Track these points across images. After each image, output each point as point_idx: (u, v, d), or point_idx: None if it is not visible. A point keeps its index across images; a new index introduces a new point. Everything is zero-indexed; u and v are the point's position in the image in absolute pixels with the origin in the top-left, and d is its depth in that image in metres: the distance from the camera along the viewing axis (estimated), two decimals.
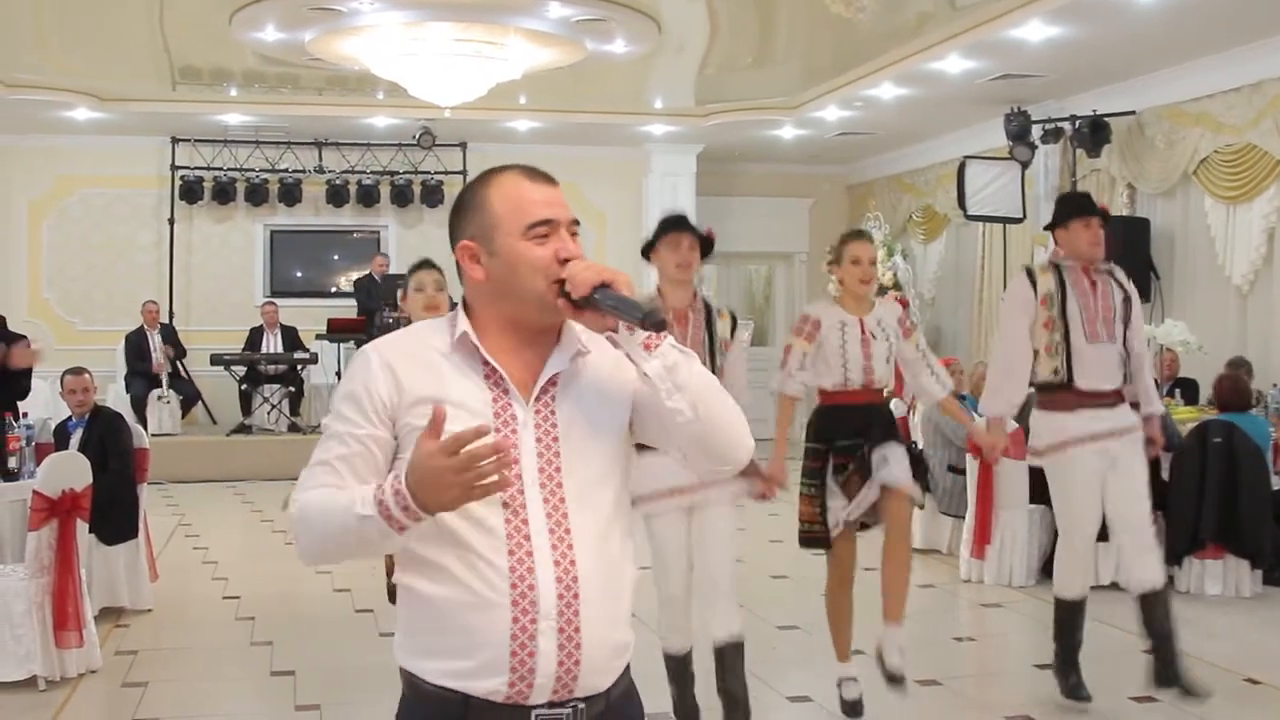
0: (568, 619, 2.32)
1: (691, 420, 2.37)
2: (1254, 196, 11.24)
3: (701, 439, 2.41)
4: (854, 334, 5.99)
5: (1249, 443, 8.70)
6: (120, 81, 14.25)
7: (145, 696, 6.59)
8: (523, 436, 2.39)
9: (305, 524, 2.39)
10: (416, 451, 2.22)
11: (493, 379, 2.42)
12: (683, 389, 2.37)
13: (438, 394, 2.37)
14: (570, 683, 2.35)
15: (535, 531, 2.34)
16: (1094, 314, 6.16)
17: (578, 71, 12.77)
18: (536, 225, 2.43)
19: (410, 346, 2.48)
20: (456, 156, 17.27)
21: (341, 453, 2.41)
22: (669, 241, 5.66)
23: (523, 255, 2.42)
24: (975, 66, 12.09)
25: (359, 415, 2.41)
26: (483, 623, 2.31)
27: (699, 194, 17.49)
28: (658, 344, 2.36)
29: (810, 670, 7.18)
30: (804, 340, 6.04)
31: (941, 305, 17.04)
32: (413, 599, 2.40)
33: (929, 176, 16.83)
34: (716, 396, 2.41)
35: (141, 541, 8.38)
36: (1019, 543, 9.14)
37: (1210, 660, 7.13)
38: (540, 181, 2.51)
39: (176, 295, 16.75)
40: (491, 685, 2.32)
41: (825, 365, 6.02)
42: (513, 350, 2.45)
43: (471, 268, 2.48)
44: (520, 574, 2.31)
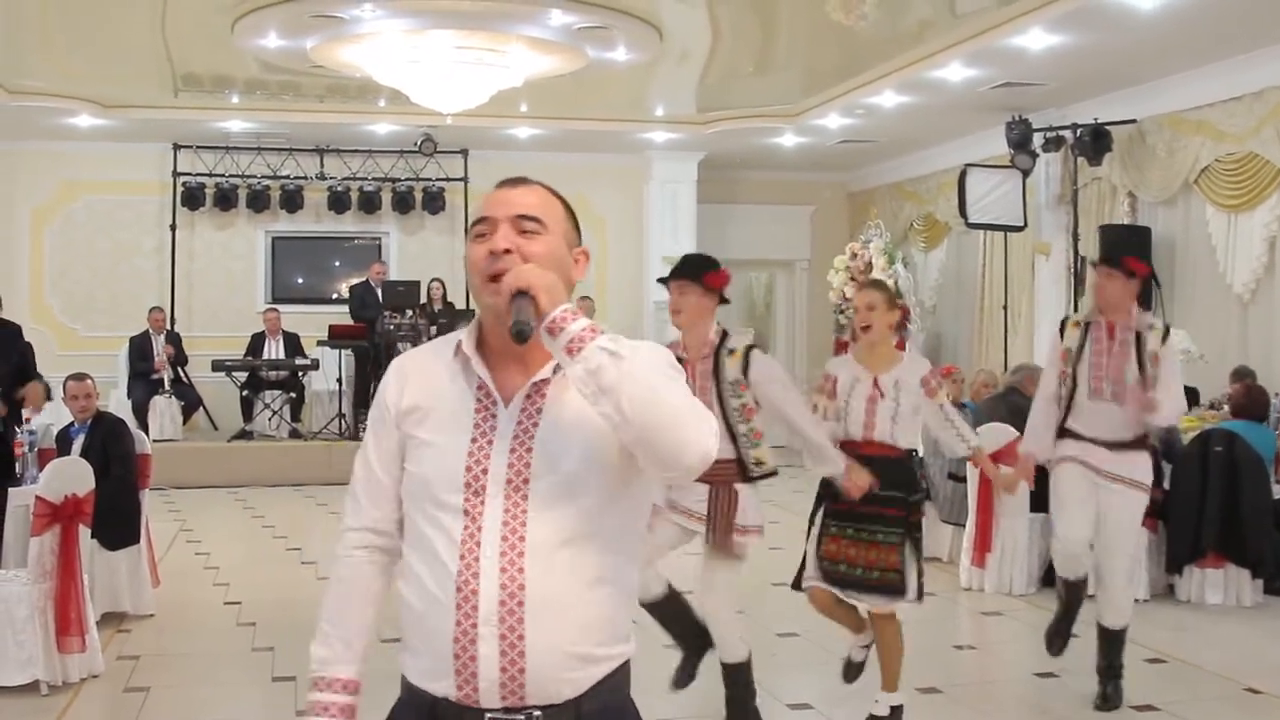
0: (510, 625, 2.32)
1: (620, 423, 2.28)
2: (1255, 205, 11.25)
3: (638, 443, 2.31)
4: (861, 390, 5.96)
5: (1250, 452, 8.70)
6: (123, 88, 14.27)
7: (147, 702, 6.60)
8: (496, 446, 2.40)
9: (329, 585, 2.62)
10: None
11: (483, 389, 2.46)
12: (607, 391, 2.26)
13: (430, 400, 2.49)
14: (518, 689, 2.34)
15: (486, 538, 2.36)
16: (1102, 372, 6.30)
17: (579, 79, 12.79)
18: (477, 223, 2.51)
19: (425, 355, 2.58)
20: (458, 163, 17.29)
21: (362, 479, 2.59)
22: (670, 287, 5.65)
23: (469, 256, 2.50)
24: (976, 74, 12.11)
25: (379, 427, 2.56)
26: (433, 623, 2.37)
27: (700, 201, 17.51)
28: (580, 348, 2.28)
29: (810, 677, 7.19)
30: (824, 397, 6.10)
31: (942, 313, 17.05)
32: (400, 600, 2.48)
33: (930, 184, 16.85)
34: (653, 399, 2.27)
35: (143, 547, 8.38)
36: (1019, 551, 9.14)
37: (1211, 669, 7.14)
38: (504, 185, 2.56)
39: (178, 301, 16.76)
40: (443, 686, 2.38)
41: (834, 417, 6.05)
42: (511, 362, 2.47)
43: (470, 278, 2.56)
44: (465, 578, 2.35)
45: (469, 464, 2.40)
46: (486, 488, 2.38)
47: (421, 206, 17.33)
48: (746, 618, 8.28)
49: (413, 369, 2.55)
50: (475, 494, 2.39)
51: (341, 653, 2.54)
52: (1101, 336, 6.33)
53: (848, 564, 5.90)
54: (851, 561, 5.89)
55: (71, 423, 8.38)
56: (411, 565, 2.44)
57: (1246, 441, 8.74)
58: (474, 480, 2.39)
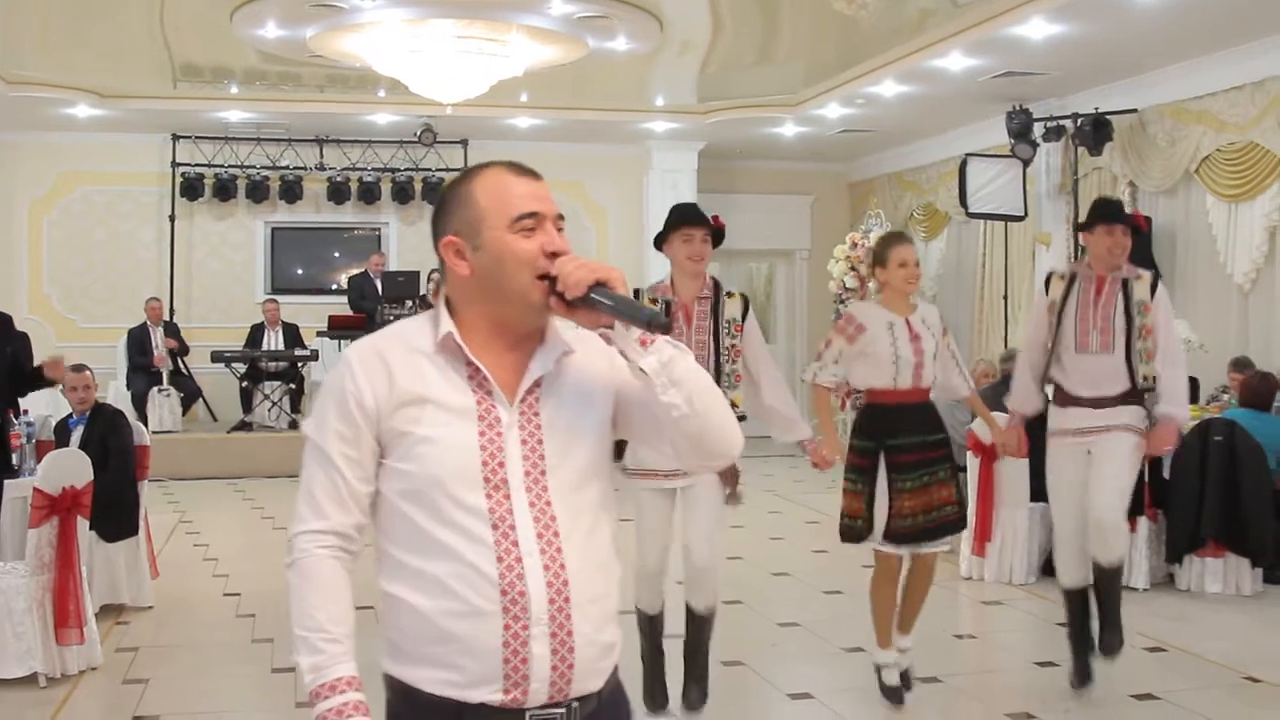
0: (559, 623, 2.32)
1: (688, 415, 2.36)
2: (1256, 195, 11.23)
3: (697, 434, 2.40)
4: (903, 334, 6.11)
5: (1250, 440, 8.69)
6: (121, 78, 14.24)
7: (146, 693, 6.59)
8: (507, 439, 2.38)
9: (292, 596, 2.43)
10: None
11: (476, 380, 2.40)
12: (678, 384, 2.35)
13: (422, 396, 2.38)
14: (564, 686, 2.34)
15: (523, 538, 2.33)
16: (1088, 324, 6.28)
17: (579, 69, 12.77)
18: (523, 218, 2.40)
19: (394, 346, 2.45)
20: (458, 154, 17.27)
21: (324, 483, 2.41)
22: (682, 234, 5.81)
23: (509, 248, 2.39)
24: (977, 64, 12.09)
25: (346, 425, 2.40)
26: (475, 633, 2.31)
27: (700, 191, 17.47)
28: (653, 339, 2.35)
29: (811, 667, 7.18)
30: (844, 339, 6.17)
31: (943, 302, 16.99)
32: (403, 609, 2.38)
33: (930, 174, 16.83)
34: (710, 392, 2.41)
35: (142, 539, 8.37)
36: (1020, 540, 9.14)
37: (1211, 658, 7.14)
38: (525, 175, 2.48)
39: (177, 292, 16.74)
40: (486, 694, 2.32)
41: (875, 366, 6.11)
42: (498, 351, 2.44)
43: (456, 263, 2.45)
44: (510, 580, 2.30)
45: (484, 459, 2.36)
46: (508, 482, 2.36)
47: (421, 197, 17.30)
48: (747, 607, 8.31)
49: (394, 360, 2.42)
50: (496, 489, 2.35)
51: (334, 652, 2.36)
52: (1089, 289, 6.30)
53: (913, 516, 6.04)
54: (915, 512, 6.04)
55: (70, 414, 8.38)
56: (429, 573, 2.34)
57: (1246, 430, 8.74)
58: (492, 475, 2.35)
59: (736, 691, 6.57)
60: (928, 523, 6.06)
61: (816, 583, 9.17)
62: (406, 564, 2.37)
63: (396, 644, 2.40)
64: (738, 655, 7.24)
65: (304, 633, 2.37)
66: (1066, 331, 6.31)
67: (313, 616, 2.38)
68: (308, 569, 2.41)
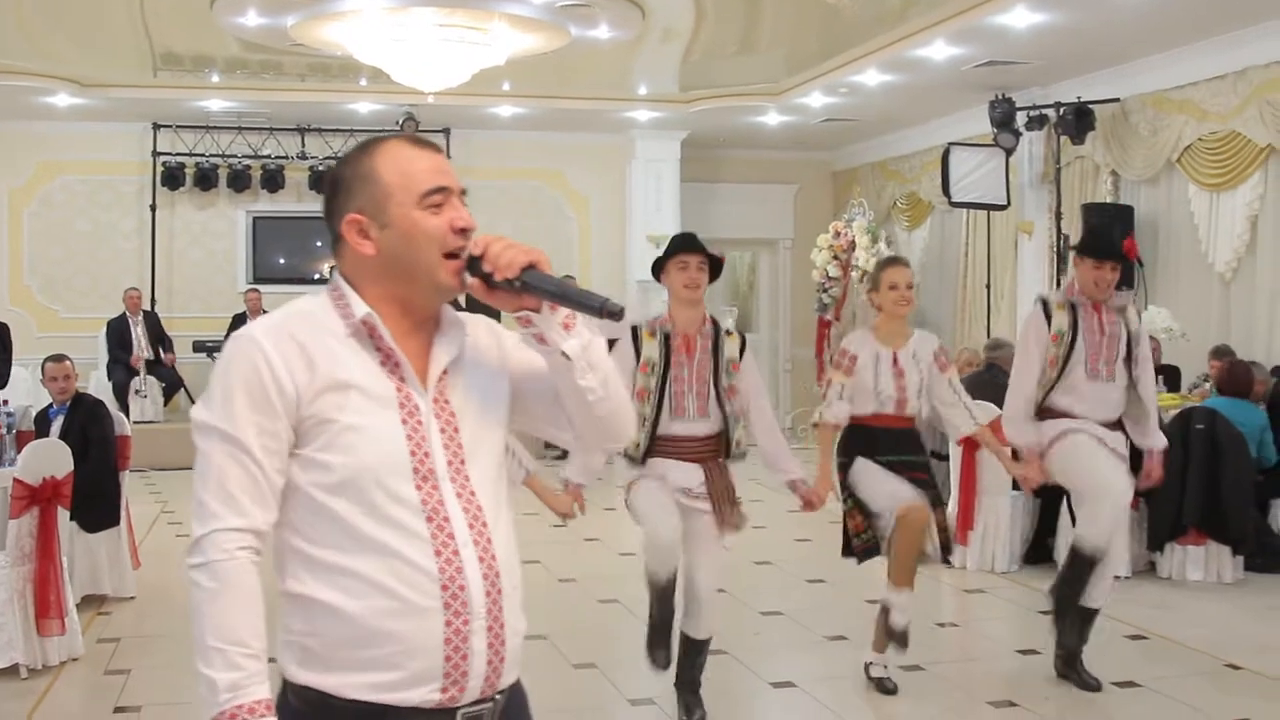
0: (494, 615, 2.28)
1: (603, 398, 2.38)
2: (1237, 184, 11.25)
3: (607, 415, 2.42)
4: (886, 368, 6.21)
5: (1231, 429, 8.72)
6: (101, 67, 14.17)
7: (128, 684, 6.57)
8: (429, 428, 2.31)
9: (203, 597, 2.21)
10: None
11: (389, 365, 2.31)
12: (595, 367, 2.36)
13: (345, 381, 2.27)
14: (495, 679, 2.31)
15: (458, 529, 2.27)
16: (1098, 353, 6.34)
17: (562, 57, 12.74)
18: (431, 193, 2.32)
19: (304, 327, 2.32)
20: (440, 143, 17.03)
21: (238, 476, 2.23)
22: (678, 262, 5.72)
23: (418, 225, 2.31)
24: (960, 53, 12.08)
25: (263, 414, 2.23)
26: (415, 631, 2.22)
27: (683, 180, 17.47)
28: (573, 323, 2.33)
29: (794, 656, 7.19)
30: (842, 374, 6.26)
31: (926, 292, 17.00)
32: (319, 612, 2.25)
33: (913, 163, 16.83)
34: (617, 377, 2.44)
35: (123, 529, 8.35)
36: (1002, 529, 9.16)
37: (1192, 645, 7.16)
38: (426, 149, 2.39)
39: (159, 282, 16.67)
40: (423, 693, 2.23)
41: (859, 395, 6.23)
42: (403, 335, 2.34)
43: (360, 243, 2.34)
44: (450, 575, 2.24)
45: (411, 449, 2.27)
46: (435, 472, 2.28)
47: None
48: (730, 596, 8.31)
49: (309, 342, 2.28)
50: (425, 479, 2.27)
51: (254, 670, 2.18)
52: (1090, 317, 6.36)
53: None
54: None
55: (50, 404, 8.35)
56: (358, 571, 2.22)
57: (1228, 419, 8.76)
58: (420, 465, 2.27)
59: (719, 680, 6.57)
60: None
61: (799, 572, 9.19)
62: (325, 562, 2.25)
63: (311, 650, 2.26)
64: (721, 644, 7.22)
65: (221, 645, 2.17)
66: (1078, 360, 6.33)
67: (233, 629, 2.18)
68: (228, 574, 2.20)
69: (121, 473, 8.38)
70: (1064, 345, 6.35)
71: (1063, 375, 6.36)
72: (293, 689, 2.28)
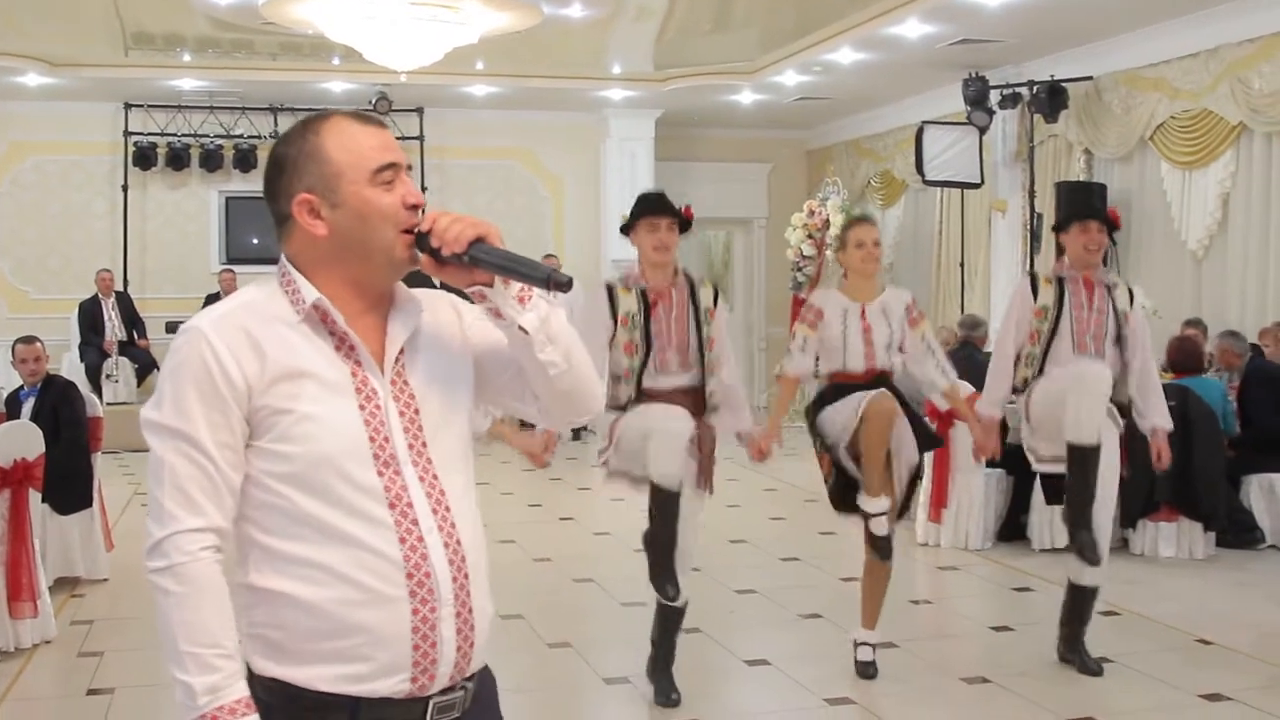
0: (462, 600, 2.24)
1: (564, 371, 2.33)
2: (1209, 162, 11.30)
3: (569, 390, 2.37)
4: (854, 322, 6.13)
5: (1202, 406, 8.76)
6: (72, 46, 14.09)
7: (101, 666, 6.56)
8: (388, 412, 2.25)
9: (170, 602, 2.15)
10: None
11: (344, 350, 2.26)
12: (554, 340, 2.31)
13: (298, 369, 2.22)
14: (465, 666, 2.28)
15: (421, 515, 2.23)
16: (1084, 328, 6.32)
17: (535, 36, 12.70)
18: (382, 170, 2.27)
19: (252, 317, 2.25)
20: (413, 122, 17.15)
21: (193, 476, 2.17)
22: (647, 223, 5.74)
23: (371, 203, 2.25)
24: (934, 31, 12.09)
25: (214, 408, 2.18)
26: (382, 620, 2.18)
27: (658, 159, 17.45)
28: (529, 296, 2.28)
29: (768, 633, 7.20)
30: (807, 326, 6.21)
31: (900, 270, 17.06)
32: (283, 604, 2.20)
33: (887, 142, 16.85)
34: (579, 345, 2.38)
35: (96, 511, 8.32)
36: (975, 507, 9.19)
37: (1163, 621, 7.21)
38: (372, 125, 2.33)
39: (131, 263, 16.60)
40: (392, 684, 2.20)
41: (827, 350, 6.16)
42: (356, 316, 2.29)
43: (311, 223, 2.26)
44: (415, 562, 2.20)
45: (370, 434, 2.23)
46: (396, 457, 2.24)
47: None
48: (704, 575, 8.32)
49: (257, 331, 2.22)
50: (386, 465, 2.22)
51: (231, 670, 2.13)
52: (1079, 291, 6.33)
53: None
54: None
55: (21, 386, 8.31)
56: (319, 561, 2.18)
57: (1199, 396, 8.80)
58: (381, 451, 2.22)
59: (694, 658, 6.58)
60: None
61: (774, 550, 9.20)
62: (286, 553, 2.20)
63: (276, 643, 2.21)
64: (695, 622, 7.24)
65: (194, 649, 2.12)
66: (1064, 334, 6.31)
67: (205, 630, 2.13)
68: (194, 575, 2.14)
69: (94, 454, 8.35)
70: (1048, 321, 6.32)
71: (1049, 351, 6.32)
72: (259, 681, 2.22)
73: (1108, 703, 5.89)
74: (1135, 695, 6.04)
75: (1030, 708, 5.90)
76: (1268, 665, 6.46)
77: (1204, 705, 5.86)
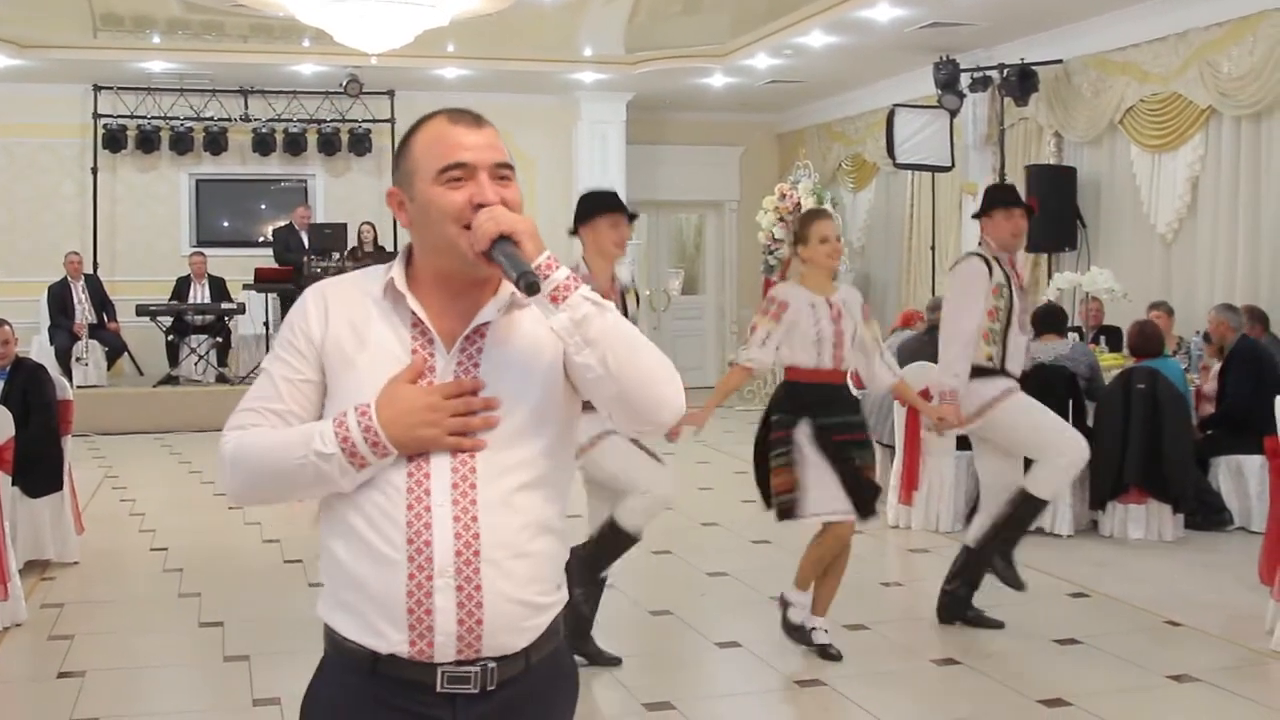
0: (466, 576, 2.25)
1: (602, 376, 2.26)
2: (1179, 145, 11.36)
3: (614, 397, 2.29)
4: (825, 313, 6.12)
5: (1172, 389, 8.80)
6: (40, 28, 14.00)
7: (72, 649, 6.53)
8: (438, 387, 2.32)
9: (243, 461, 2.34)
10: (395, 387, 2.26)
11: (419, 328, 2.34)
12: (593, 343, 2.25)
13: (358, 336, 2.35)
14: (474, 642, 2.28)
15: (436, 488, 2.27)
16: (1024, 306, 6.59)
17: (506, 18, 12.69)
18: (449, 169, 2.31)
19: (346, 288, 2.42)
20: (384, 105, 17.11)
21: (270, 398, 2.38)
22: (611, 220, 5.83)
23: (434, 201, 2.31)
24: (904, 14, 12.11)
25: (291, 355, 2.38)
26: (381, 580, 2.27)
27: (629, 142, 17.45)
28: (565, 296, 2.24)
29: (739, 616, 7.22)
30: (770, 319, 6.15)
31: (871, 254, 17.12)
32: (327, 555, 2.36)
33: (859, 125, 16.87)
34: (634, 354, 2.28)
35: (66, 494, 8.28)
36: (946, 489, 9.23)
37: (1132, 603, 7.25)
38: (464, 124, 2.36)
39: (101, 245, 16.53)
40: (393, 642, 2.27)
41: (798, 345, 6.13)
42: (446, 301, 2.36)
43: (399, 214, 2.41)
44: (417, 529, 2.25)
45: None
46: None
47: (348, 149, 17.17)
48: (676, 557, 8.35)
49: (337, 301, 2.40)
50: None
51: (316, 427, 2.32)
52: (1011, 274, 6.55)
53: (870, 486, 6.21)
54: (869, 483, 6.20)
55: None
56: (346, 519, 2.31)
57: (1169, 379, 8.84)
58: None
59: (665, 640, 6.61)
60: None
61: (745, 532, 9.23)
62: (334, 509, 2.34)
63: (328, 591, 2.37)
64: (666, 604, 7.29)
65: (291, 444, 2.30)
66: (1014, 315, 6.48)
67: (280, 432, 2.35)
68: (248, 434, 2.36)
69: (64, 437, 8.31)
70: (1005, 298, 6.46)
71: (1008, 329, 6.46)
72: (324, 628, 2.40)
73: (1076, 684, 5.93)
74: (1104, 676, 6.08)
75: (999, 689, 5.93)
76: (1236, 646, 6.51)
77: (1172, 686, 5.91)
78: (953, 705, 5.88)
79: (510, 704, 2.34)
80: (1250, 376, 9.17)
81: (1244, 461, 9.04)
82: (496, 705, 2.33)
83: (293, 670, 5.99)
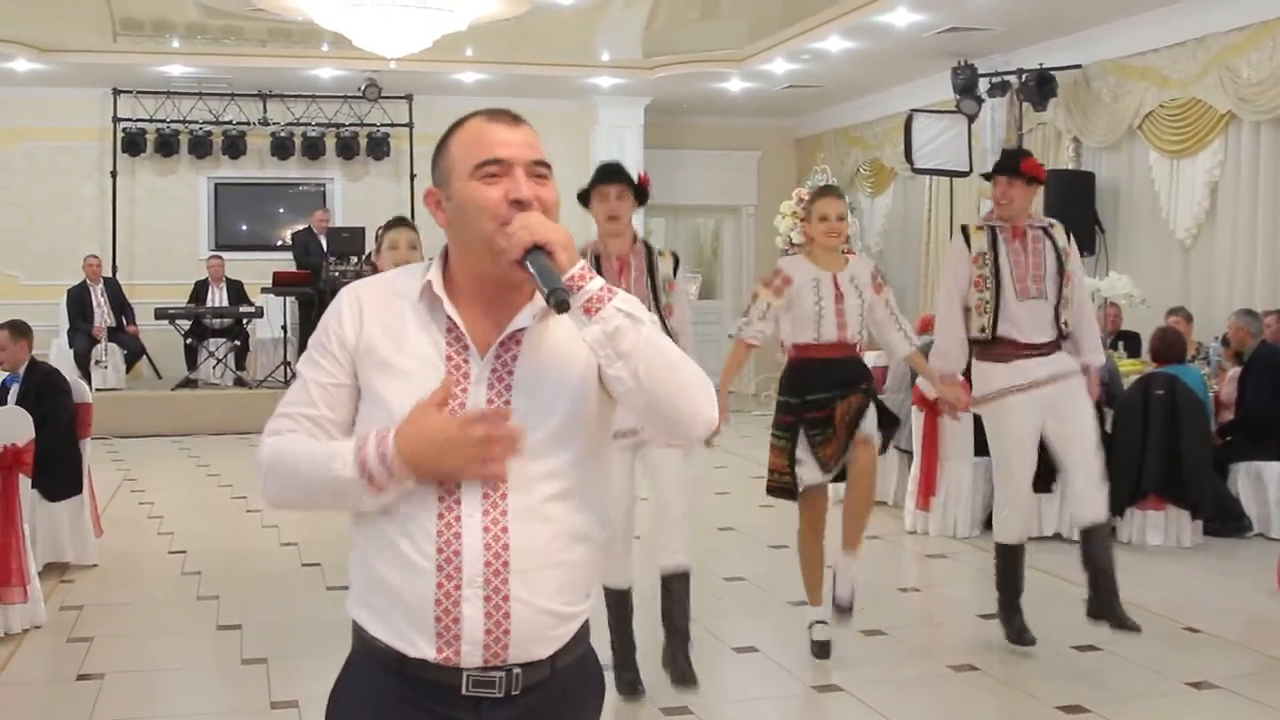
0: (495, 586, 2.25)
1: (633, 390, 2.24)
2: (1197, 151, 11.33)
3: (645, 409, 2.29)
4: (828, 291, 6.11)
5: (1191, 395, 8.78)
6: (60, 32, 14.05)
7: (91, 651, 6.55)
8: (472, 393, 2.29)
9: (275, 470, 2.35)
10: (421, 415, 2.21)
11: (454, 332, 2.32)
12: (625, 356, 2.23)
13: (392, 340, 2.33)
14: (501, 650, 2.28)
15: (466, 496, 2.26)
16: (1024, 271, 6.32)
17: (524, 23, 12.70)
18: (485, 164, 2.30)
19: (381, 290, 2.40)
20: (402, 109, 17.15)
21: (304, 403, 2.39)
22: (598, 193, 5.81)
23: (470, 196, 2.30)
24: (923, 19, 12.09)
25: (325, 359, 2.38)
26: (410, 585, 2.26)
27: (647, 147, 17.45)
28: (598, 308, 2.22)
29: (756, 621, 7.22)
30: (770, 292, 6.15)
31: (889, 258, 17.09)
32: (358, 556, 2.36)
33: (876, 130, 16.85)
34: (668, 366, 2.26)
35: (86, 497, 8.30)
36: (963, 494, 9.21)
37: (1151, 609, 7.21)
38: (502, 121, 2.36)
39: (120, 249, 16.58)
40: (419, 647, 2.27)
41: (799, 321, 6.13)
42: (483, 304, 2.35)
43: (436, 214, 2.40)
44: (447, 539, 2.25)
45: None
46: None
47: (366, 152, 17.21)
48: (693, 562, 8.34)
49: (371, 303, 2.38)
50: None
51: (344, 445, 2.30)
52: (1011, 238, 6.34)
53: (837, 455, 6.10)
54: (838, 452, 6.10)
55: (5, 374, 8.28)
56: (378, 523, 2.30)
57: (1187, 385, 8.82)
58: None
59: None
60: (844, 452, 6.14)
61: (762, 537, 9.22)
62: (367, 515, 2.32)
63: (357, 589, 2.38)
64: None
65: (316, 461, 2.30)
66: (1005, 281, 6.30)
67: (309, 445, 2.34)
68: (283, 440, 2.37)
69: (83, 440, 8.33)
70: (988, 265, 6.31)
71: (999, 300, 6.30)
72: (352, 624, 2.40)
73: (1095, 690, 5.92)
74: (1123, 683, 6.07)
75: (1018, 695, 5.93)
76: (1255, 653, 6.49)
77: (1191, 693, 5.89)
78: (971, 711, 5.88)
79: (535, 708, 2.34)
80: (1270, 382, 9.15)
81: (1263, 468, 9.02)
82: (521, 709, 2.32)
83: (311, 673, 6.03)
